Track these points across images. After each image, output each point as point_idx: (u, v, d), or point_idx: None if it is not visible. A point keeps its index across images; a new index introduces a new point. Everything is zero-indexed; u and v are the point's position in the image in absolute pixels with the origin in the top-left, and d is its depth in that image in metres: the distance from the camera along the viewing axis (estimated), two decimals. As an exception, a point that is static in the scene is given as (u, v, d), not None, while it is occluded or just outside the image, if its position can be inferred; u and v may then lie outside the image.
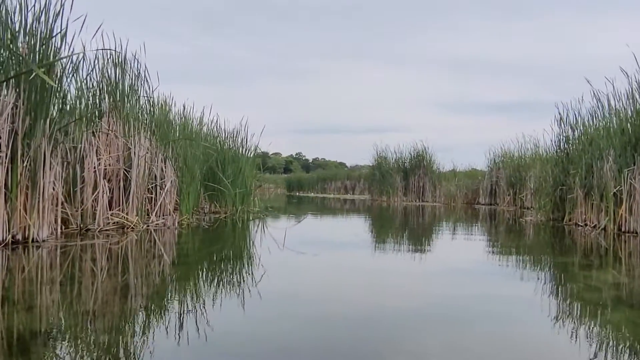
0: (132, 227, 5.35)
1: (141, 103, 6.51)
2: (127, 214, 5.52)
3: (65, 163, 4.89)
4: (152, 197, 6.45)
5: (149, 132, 6.60)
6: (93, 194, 5.07)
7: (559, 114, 8.44)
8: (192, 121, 8.98)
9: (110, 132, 5.69)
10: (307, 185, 32.62)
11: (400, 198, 17.67)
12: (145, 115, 6.48)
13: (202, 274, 3.27)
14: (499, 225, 8.15)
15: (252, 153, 9.16)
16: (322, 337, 1.97)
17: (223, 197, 8.38)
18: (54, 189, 4.31)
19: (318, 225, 8.03)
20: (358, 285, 3.06)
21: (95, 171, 5.15)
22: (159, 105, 7.32)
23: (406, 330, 2.10)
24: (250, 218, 8.05)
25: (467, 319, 2.23)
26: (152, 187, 6.56)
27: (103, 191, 5.09)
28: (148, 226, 5.73)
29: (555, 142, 8.62)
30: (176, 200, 7.05)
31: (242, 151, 8.66)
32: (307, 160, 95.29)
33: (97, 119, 5.63)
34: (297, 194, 30.43)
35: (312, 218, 9.30)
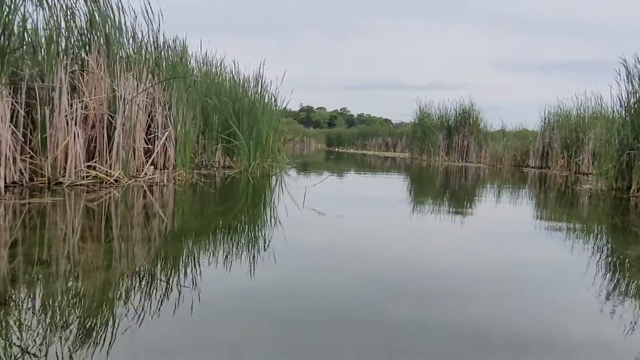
0: (112, 183, 4.63)
1: (138, 42, 5.70)
2: (110, 166, 4.80)
3: (26, 104, 4.17)
4: (149, 149, 5.77)
5: (148, 74, 5.85)
6: (64, 141, 4.36)
7: (625, 66, 7.13)
8: (210, 66, 8.19)
9: (95, 71, 4.92)
10: (347, 141, 31.63)
11: (442, 157, 16.49)
12: (141, 55, 5.67)
13: (168, 252, 2.48)
14: (550, 192, 7.06)
15: (273, 102, 8.27)
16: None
17: (238, 151, 7.61)
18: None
19: (346, 184, 7.16)
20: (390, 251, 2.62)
21: (68, 116, 4.42)
22: (166, 47, 6.46)
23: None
24: (269, 174, 7.27)
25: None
26: (151, 137, 5.88)
27: (75, 139, 4.36)
28: (137, 181, 5.01)
29: (624, 99, 7.33)
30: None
31: (259, 99, 7.76)
32: (352, 116, 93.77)
33: (74, 55, 4.85)
34: (337, 149, 29.52)
35: (341, 177, 8.44)
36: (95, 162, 4.72)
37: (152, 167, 5.68)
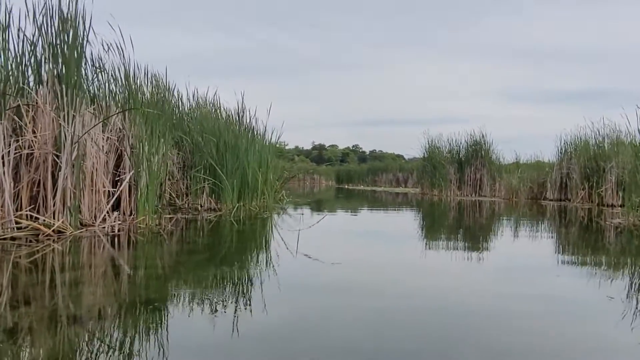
0: (50, 234, 3.90)
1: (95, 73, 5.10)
2: (53, 214, 4.09)
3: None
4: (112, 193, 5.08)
5: (114, 109, 5.27)
6: (-10, 187, 3.67)
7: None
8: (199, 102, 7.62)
9: (41, 105, 4.27)
10: (357, 178, 30.89)
11: (454, 192, 15.65)
12: (98, 87, 5.07)
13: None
14: (574, 228, 6.19)
15: (268, 138, 7.60)
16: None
17: (223, 192, 6.89)
18: None
19: (351, 227, 6.35)
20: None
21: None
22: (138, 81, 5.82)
23: None
24: (259, 216, 6.50)
25: None
26: (117, 179, 5.23)
27: (2, 183, 3.66)
28: (87, 231, 4.28)
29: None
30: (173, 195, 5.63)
31: (243, 134, 7.07)
32: (364, 152, 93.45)
33: (14, 88, 4.23)
34: (346, 186, 28.74)
35: (346, 217, 7.65)
36: (32, 209, 4.01)
37: (115, 213, 4.99)
